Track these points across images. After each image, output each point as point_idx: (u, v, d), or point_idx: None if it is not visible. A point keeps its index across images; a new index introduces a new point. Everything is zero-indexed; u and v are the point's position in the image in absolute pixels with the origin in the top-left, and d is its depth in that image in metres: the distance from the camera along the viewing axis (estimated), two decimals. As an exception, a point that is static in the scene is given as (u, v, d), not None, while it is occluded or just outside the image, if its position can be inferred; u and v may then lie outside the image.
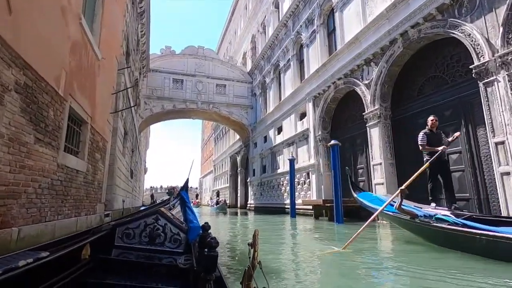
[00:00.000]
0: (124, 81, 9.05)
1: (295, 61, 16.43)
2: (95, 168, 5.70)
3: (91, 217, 5.60)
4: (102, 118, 6.15)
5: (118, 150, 8.86)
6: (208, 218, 15.19)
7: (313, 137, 13.46)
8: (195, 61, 22.96)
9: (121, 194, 10.07)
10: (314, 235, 7.15)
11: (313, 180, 13.19)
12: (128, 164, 12.84)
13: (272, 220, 12.32)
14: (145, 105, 20.97)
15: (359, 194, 6.33)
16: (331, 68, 12.25)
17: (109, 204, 7.95)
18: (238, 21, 31.25)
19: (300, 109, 15.35)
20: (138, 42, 15.55)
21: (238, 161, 27.65)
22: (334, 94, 12.31)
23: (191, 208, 3.26)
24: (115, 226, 2.37)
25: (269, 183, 18.78)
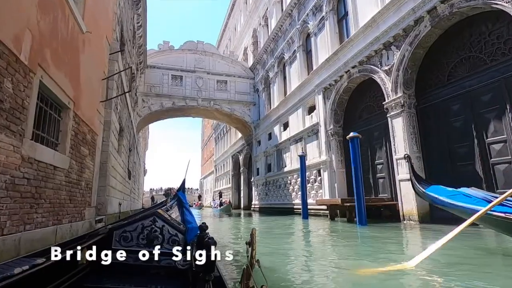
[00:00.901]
0: (118, 69, 8.08)
1: (302, 52, 15.48)
2: (81, 165, 4.73)
3: (77, 224, 4.63)
4: (90, 107, 5.19)
5: (113, 147, 7.88)
6: (208, 220, 14.23)
7: (324, 131, 12.50)
8: (194, 56, 22.00)
9: (117, 196, 9.09)
10: (340, 241, 6.18)
11: (325, 177, 12.23)
12: (125, 163, 11.86)
13: (281, 222, 11.35)
14: (143, 102, 19.99)
15: (428, 188, 4.86)
16: (344, 56, 11.30)
17: (102, 208, 6.97)
18: (238, 17, 30.31)
19: (308, 102, 14.39)
20: (134, 34, 14.58)
21: (241, 161, 26.68)
22: (347, 84, 11.35)
23: (188, 209, 3.22)
24: (112, 230, 2.33)
25: (275, 182, 17.81)
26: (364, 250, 5.03)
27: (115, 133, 8.18)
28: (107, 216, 7.24)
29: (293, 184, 15.39)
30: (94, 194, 5.61)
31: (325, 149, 12.39)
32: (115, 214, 8.66)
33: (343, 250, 5.04)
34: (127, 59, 11.44)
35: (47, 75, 3.30)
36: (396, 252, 4.85)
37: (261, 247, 5.28)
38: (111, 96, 7.49)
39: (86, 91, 4.85)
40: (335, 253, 4.74)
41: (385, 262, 3.66)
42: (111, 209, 7.80)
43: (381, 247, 5.16)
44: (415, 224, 7.74)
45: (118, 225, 2.42)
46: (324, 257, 4.46)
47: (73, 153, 4.35)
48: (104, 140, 7.23)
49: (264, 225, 10.46)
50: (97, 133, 5.65)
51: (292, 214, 14.51)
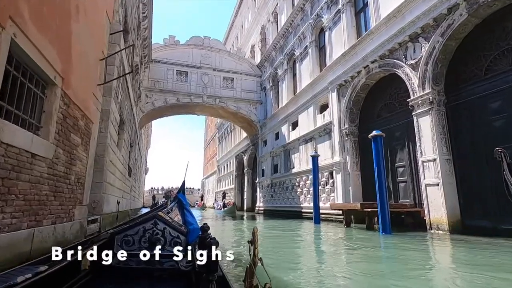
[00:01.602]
0: (119, 55, 7.36)
1: (314, 48, 14.72)
2: (71, 156, 3.99)
3: (64, 226, 3.88)
4: (85, 88, 4.45)
5: (111, 140, 7.15)
6: (209, 222, 13.47)
7: (338, 131, 11.72)
8: (200, 52, 21.32)
9: (115, 194, 8.35)
10: (365, 252, 5.39)
11: (338, 180, 11.43)
12: (126, 159, 11.14)
13: (289, 226, 10.57)
14: (146, 98, 19.32)
15: None
16: (362, 51, 10.53)
17: (97, 207, 6.23)
18: (245, 14, 29.66)
19: (320, 100, 13.62)
20: (139, 25, 13.90)
21: (245, 161, 25.91)
22: (365, 80, 10.57)
23: (189, 210, 3.19)
24: (113, 234, 2.35)
25: (282, 184, 17.02)
26: (393, 263, 4.25)
27: (114, 125, 7.45)
28: (103, 215, 6.50)
29: (301, 187, 14.59)
30: (87, 191, 4.87)
31: (338, 149, 11.59)
32: (113, 213, 7.92)
33: (370, 266, 4.24)
34: (130, 41, 10.74)
35: (23, 35, 2.56)
36: (433, 268, 4.10)
37: (272, 256, 4.53)
38: (112, 84, 6.78)
39: (80, 69, 4.12)
40: (362, 267, 3.95)
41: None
42: (107, 208, 7.05)
43: (412, 260, 4.39)
44: (444, 234, 6.93)
45: (119, 229, 2.42)
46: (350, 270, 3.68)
47: (60, 140, 3.60)
48: (102, 131, 6.50)
49: (272, 230, 9.67)
50: (93, 121, 4.91)
51: (300, 218, 13.71)
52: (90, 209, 6.01)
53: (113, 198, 8.02)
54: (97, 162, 6.20)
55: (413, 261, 4.51)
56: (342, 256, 5.05)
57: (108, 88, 6.68)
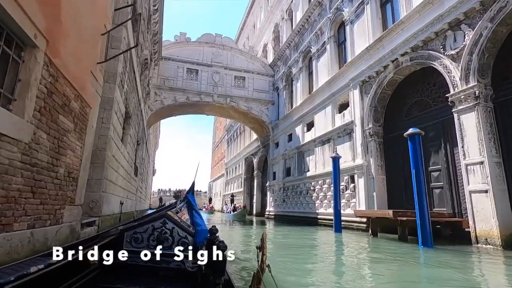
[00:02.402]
0: (126, 39, 6.64)
1: (333, 44, 13.86)
2: (58, 143, 3.20)
3: (47, 230, 3.08)
4: (80, 64, 3.69)
5: (115, 132, 6.40)
6: (219, 228, 12.63)
7: (361, 131, 10.77)
8: (212, 50, 20.69)
9: (118, 193, 7.59)
10: (411, 270, 4.44)
11: (360, 185, 10.45)
12: (132, 157, 10.42)
13: (305, 234, 9.64)
14: (155, 96, 18.73)
15: None
16: (390, 43, 9.61)
17: (96, 207, 5.45)
18: (257, 13, 29.06)
19: (339, 99, 12.71)
20: (149, 18, 13.30)
21: (255, 164, 25.05)
22: (393, 75, 9.64)
23: (197, 211, 3.22)
24: (123, 231, 2.38)
25: (295, 188, 16.07)
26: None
27: (119, 116, 6.70)
28: (103, 217, 5.71)
29: (317, 191, 13.63)
30: (81, 188, 4.08)
31: (361, 151, 10.63)
32: (114, 215, 7.14)
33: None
34: (139, 39, 10.08)
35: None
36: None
37: (284, 267, 3.64)
38: (118, 69, 6.06)
39: (73, 36, 3.35)
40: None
41: None
42: (108, 208, 6.27)
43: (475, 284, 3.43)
44: (495, 250, 5.91)
45: (129, 226, 2.44)
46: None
47: (43, 121, 2.82)
48: (104, 121, 5.76)
49: (286, 238, 8.76)
50: (90, 105, 4.14)
51: (315, 225, 12.74)
52: (87, 210, 5.23)
53: (116, 198, 7.25)
54: (97, 156, 5.44)
55: (458, 280, 3.57)
56: (374, 272, 4.12)
57: (111, 73, 5.96)
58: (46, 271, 1.50)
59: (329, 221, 12.17)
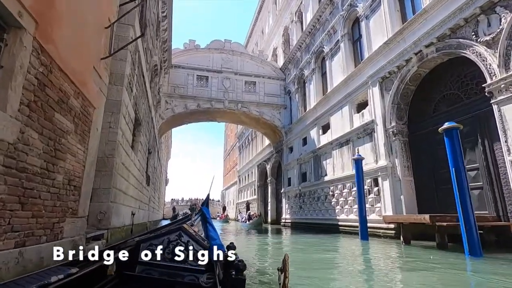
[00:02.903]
0: (133, 36, 6.30)
1: (347, 41, 13.30)
2: (55, 146, 2.77)
3: (42, 248, 2.61)
4: (80, 56, 3.28)
5: (124, 138, 6.01)
6: (230, 238, 12.04)
7: (383, 131, 10.08)
8: (221, 56, 20.48)
9: (129, 203, 7.16)
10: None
11: (386, 188, 9.70)
12: (143, 166, 10.05)
13: (328, 244, 8.94)
14: (166, 104, 18.55)
15: None
16: (412, 35, 8.98)
17: (104, 219, 5.01)
18: (265, 19, 28.91)
19: (357, 98, 12.07)
20: (158, 25, 13.14)
21: (268, 170, 24.44)
22: (417, 69, 8.98)
23: (212, 224, 3.17)
24: (139, 242, 2.38)
25: (312, 194, 15.36)
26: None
27: (128, 121, 6.32)
28: (112, 230, 5.26)
29: (337, 196, 12.90)
30: (85, 198, 3.63)
31: (384, 152, 9.92)
32: (125, 227, 6.69)
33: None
34: (148, 44, 9.83)
35: None
36: None
37: None
38: (126, 70, 5.69)
39: (71, 24, 2.95)
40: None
41: None
42: (118, 220, 5.83)
43: None
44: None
45: (145, 238, 2.43)
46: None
47: (33, 118, 2.38)
48: (112, 125, 5.36)
49: (307, 249, 8.09)
50: (94, 105, 3.72)
51: (336, 233, 11.99)
52: (95, 222, 4.79)
53: (126, 209, 6.82)
54: (104, 163, 5.03)
55: None
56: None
57: (119, 75, 5.59)
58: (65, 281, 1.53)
59: (351, 228, 11.42)
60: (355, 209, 11.45)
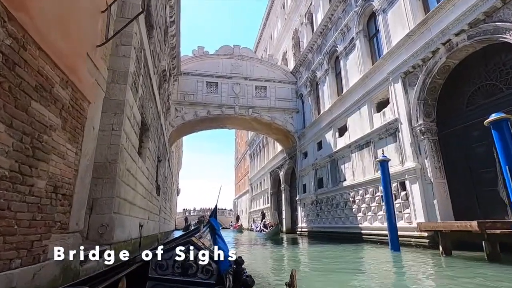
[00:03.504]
0: (138, 35, 5.82)
1: (363, 38, 12.63)
2: (33, 143, 2.19)
3: (15, 275, 2.01)
4: (69, 38, 2.74)
5: (129, 143, 5.47)
6: (244, 249, 11.29)
7: (408, 129, 9.27)
8: (230, 61, 20.13)
9: (136, 214, 6.58)
10: None
11: (415, 192, 8.83)
12: (152, 174, 9.52)
13: (353, 256, 8.11)
14: (176, 112, 18.20)
15: None
16: (439, 23, 8.25)
17: (106, 233, 4.41)
18: (273, 24, 28.64)
19: (377, 96, 11.31)
20: (166, 29, 12.84)
21: (281, 177, 23.64)
22: (445, 60, 8.20)
23: (221, 235, 3.12)
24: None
25: (330, 201, 14.50)
26: None
27: (133, 124, 5.79)
28: (115, 245, 4.65)
29: (358, 202, 12.02)
30: (78, 209, 3.04)
31: (411, 153, 9.08)
32: (132, 240, 6.09)
33: None
34: (156, 47, 9.43)
35: None
36: None
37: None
38: (130, 68, 5.20)
39: (61, 3, 2.41)
40: None
41: None
42: (123, 233, 5.23)
43: None
44: None
45: (155, 253, 2.36)
46: None
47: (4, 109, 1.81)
48: (115, 128, 4.83)
49: (332, 262, 7.27)
50: (89, 99, 3.17)
51: (359, 242, 11.08)
52: (96, 237, 4.20)
53: (133, 220, 6.23)
54: (105, 169, 4.47)
55: None
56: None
57: (122, 72, 5.08)
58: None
59: (376, 236, 10.51)
60: (380, 216, 10.57)
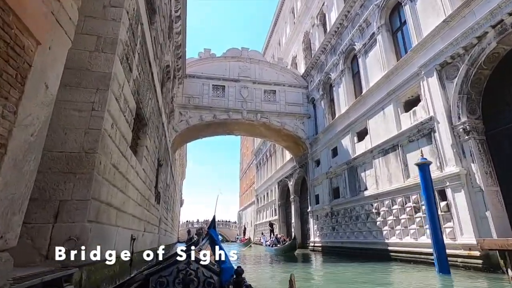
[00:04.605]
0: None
1: (385, 33, 11.52)
2: None
3: None
4: None
5: (115, 129, 4.25)
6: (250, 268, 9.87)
7: (448, 129, 7.97)
8: (238, 64, 19.18)
9: (127, 225, 5.29)
10: None
11: (460, 202, 7.44)
12: (150, 178, 8.29)
13: (389, 279, 6.67)
14: (180, 116, 17.13)
15: None
16: (486, 3, 7.07)
17: (76, 247, 3.14)
18: (282, 30, 27.94)
19: (405, 94, 10.07)
20: (171, 22, 11.89)
21: (291, 187, 22.23)
22: (495, 46, 6.99)
23: (221, 246, 3.01)
24: (148, 276, 2.34)
25: (349, 212, 13.05)
26: None
27: (123, 108, 4.59)
28: (88, 267, 3.37)
29: (384, 214, 10.58)
30: (6, 213, 1.81)
31: (453, 156, 7.75)
32: (120, 259, 4.77)
33: None
34: (158, 36, 8.40)
35: None
36: None
37: None
38: (133, 67, 4.07)
39: None
40: None
41: None
42: (103, 250, 3.94)
43: None
44: None
45: (154, 270, 2.37)
46: None
47: None
48: (96, 107, 3.69)
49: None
50: (37, 37, 1.97)
51: (386, 260, 9.60)
52: (42, 260, 2.92)
53: (122, 232, 4.94)
54: (79, 161, 3.29)
55: None
56: None
57: (109, 39, 4.01)
58: None
59: (408, 254, 9.05)
60: (412, 231, 9.13)
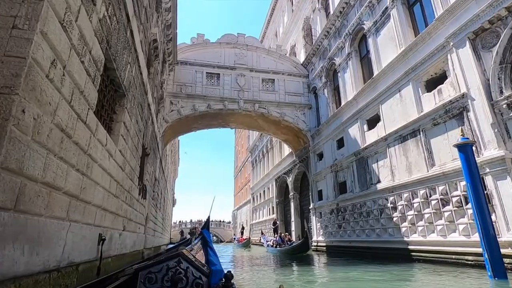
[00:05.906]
0: None
1: (401, 7, 10.28)
2: None
3: None
4: None
5: (57, 65, 2.85)
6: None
7: (487, 105, 6.74)
8: (234, 51, 17.81)
9: (93, 220, 3.86)
10: None
11: (504, 191, 6.23)
12: (132, 166, 6.83)
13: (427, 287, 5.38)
14: (171, 105, 15.66)
15: None
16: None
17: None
18: (279, 20, 26.72)
19: (427, 72, 8.84)
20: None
21: (290, 183, 20.94)
22: (551, 1, 5.79)
23: (212, 248, 3.18)
24: (137, 271, 2.31)
25: (358, 208, 11.79)
26: None
27: (78, 48, 3.17)
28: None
29: (402, 209, 9.32)
30: None
31: (494, 136, 6.53)
32: (81, 268, 3.34)
33: None
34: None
35: None
36: None
37: None
38: None
39: None
40: None
41: None
42: (47, 254, 2.51)
43: None
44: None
45: (143, 266, 2.36)
46: None
47: None
48: (20, 23, 2.34)
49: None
50: None
51: (406, 261, 8.36)
52: None
53: (79, 230, 3.49)
54: None
55: None
56: None
57: None
58: None
59: (434, 254, 7.83)
60: (439, 227, 7.89)
